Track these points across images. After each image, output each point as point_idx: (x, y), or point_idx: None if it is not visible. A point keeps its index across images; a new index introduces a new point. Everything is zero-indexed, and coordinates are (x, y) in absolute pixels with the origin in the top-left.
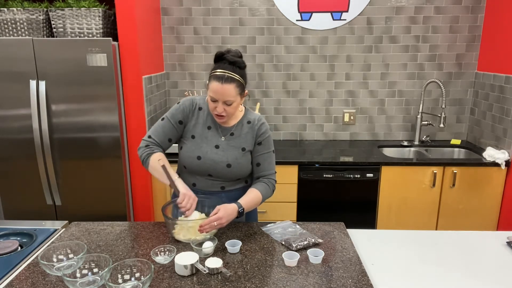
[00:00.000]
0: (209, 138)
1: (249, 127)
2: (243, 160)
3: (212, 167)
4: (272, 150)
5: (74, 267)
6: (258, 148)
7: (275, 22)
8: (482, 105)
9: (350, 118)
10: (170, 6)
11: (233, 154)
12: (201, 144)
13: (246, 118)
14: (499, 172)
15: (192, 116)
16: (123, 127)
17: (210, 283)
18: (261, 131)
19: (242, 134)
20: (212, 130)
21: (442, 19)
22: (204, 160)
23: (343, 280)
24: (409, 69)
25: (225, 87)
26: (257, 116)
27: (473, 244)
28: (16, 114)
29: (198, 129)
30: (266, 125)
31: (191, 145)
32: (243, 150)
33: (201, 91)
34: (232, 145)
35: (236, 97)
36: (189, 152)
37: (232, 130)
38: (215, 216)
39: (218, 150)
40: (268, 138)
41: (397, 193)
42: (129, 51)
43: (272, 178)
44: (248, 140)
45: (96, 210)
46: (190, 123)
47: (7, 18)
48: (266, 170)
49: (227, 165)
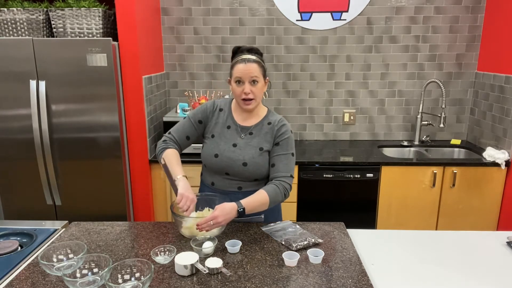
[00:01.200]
0: (227, 136)
1: (269, 127)
2: (260, 160)
3: (229, 165)
4: (290, 153)
5: (74, 267)
6: (275, 148)
7: (275, 22)
8: (482, 105)
9: (350, 118)
10: (170, 6)
11: (250, 153)
12: (220, 142)
13: (267, 119)
14: (499, 172)
15: (213, 117)
16: (123, 127)
17: (210, 283)
18: (281, 131)
19: (261, 134)
20: (232, 129)
21: (442, 19)
22: (221, 158)
23: (343, 280)
24: (409, 69)
25: (249, 66)
26: (279, 118)
27: (473, 244)
28: (16, 114)
29: (218, 128)
30: (287, 126)
31: (210, 143)
32: (260, 149)
33: (201, 91)
34: (250, 144)
35: (260, 77)
36: (207, 150)
37: (251, 129)
38: (211, 216)
39: (235, 148)
40: (287, 139)
41: (397, 193)
42: (129, 51)
43: (284, 181)
44: (267, 140)
45: (96, 210)
46: (211, 123)
47: (7, 18)
48: (280, 171)
49: (243, 164)
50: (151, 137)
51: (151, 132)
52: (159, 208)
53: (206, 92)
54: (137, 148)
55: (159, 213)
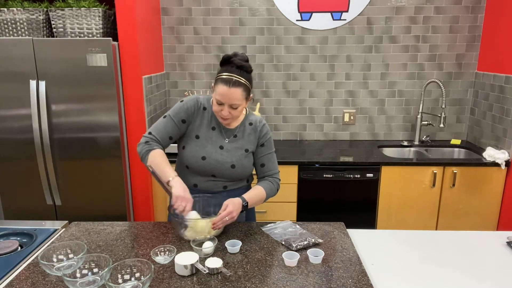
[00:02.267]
0: (213, 138)
1: (251, 128)
2: (246, 161)
3: (217, 168)
4: (273, 150)
5: (74, 267)
6: (261, 149)
7: (275, 22)
8: (482, 105)
9: (350, 118)
10: (170, 6)
11: (237, 155)
12: (206, 144)
13: (248, 120)
14: (499, 172)
15: (197, 116)
16: (123, 127)
17: (210, 283)
18: (263, 132)
19: (245, 136)
20: (216, 131)
21: (442, 19)
22: (208, 160)
23: (343, 280)
24: (409, 69)
25: (232, 91)
26: (258, 118)
27: (473, 244)
28: (16, 114)
29: (203, 130)
30: (267, 126)
31: (195, 145)
32: (246, 151)
33: (201, 91)
34: (236, 146)
35: (242, 101)
36: (193, 152)
37: (235, 132)
38: (226, 211)
39: (222, 151)
40: (270, 139)
41: (397, 193)
42: (129, 51)
43: (276, 177)
44: (251, 141)
45: (96, 210)
46: (195, 123)
47: (7, 18)
48: (271, 169)
49: (231, 166)
50: None
51: None
52: (159, 208)
53: (206, 92)
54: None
55: (159, 213)
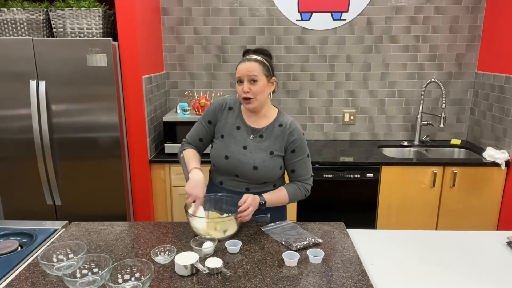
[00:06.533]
0: (237, 138)
1: (280, 130)
2: (271, 164)
3: (239, 168)
4: (306, 155)
5: (74, 267)
6: (291, 155)
7: (275, 22)
8: (482, 105)
9: (350, 118)
10: (170, 6)
11: (260, 156)
12: (229, 143)
13: (278, 121)
14: (499, 172)
15: (221, 116)
16: (123, 127)
17: (210, 283)
18: (293, 137)
19: (272, 137)
20: (241, 130)
21: (442, 19)
22: (231, 160)
23: (343, 280)
24: (409, 69)
25: (248, 64)
26: (290, 120)
27: (473, 244)
28: (16, 114)
29: (227, 129)
30: (298, 129)
31: (220, 144)
32: (271, 154)
33: (201, 91)
34: (260, 148)
35: (260, 75)
36: (217, 151)
37: (262, 131)
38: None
39: (245, 151)
40: (301, 144)
41: (397, 193)
42: (129, 51)
43: (307, 183)
44: (277, 144)
45: (96, 210)
46: (220, 123)
47: (7, 18)
48: (301, 175)
49: (253, 167)
50: (151, 137)
51: (151, 132)
52: (159, 208)
53: (206, 92)
54: (137, 148)
55: (159, 213)
